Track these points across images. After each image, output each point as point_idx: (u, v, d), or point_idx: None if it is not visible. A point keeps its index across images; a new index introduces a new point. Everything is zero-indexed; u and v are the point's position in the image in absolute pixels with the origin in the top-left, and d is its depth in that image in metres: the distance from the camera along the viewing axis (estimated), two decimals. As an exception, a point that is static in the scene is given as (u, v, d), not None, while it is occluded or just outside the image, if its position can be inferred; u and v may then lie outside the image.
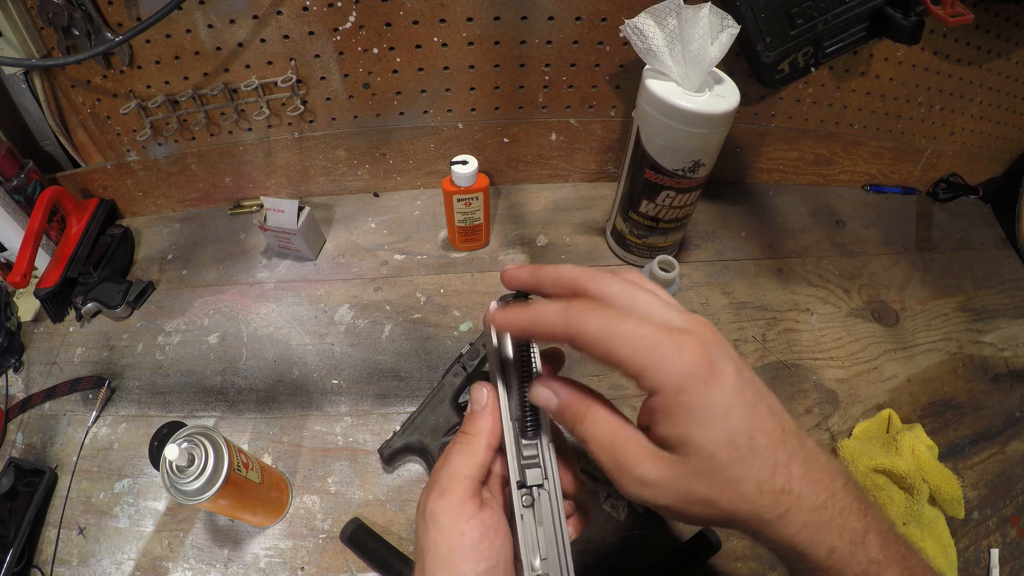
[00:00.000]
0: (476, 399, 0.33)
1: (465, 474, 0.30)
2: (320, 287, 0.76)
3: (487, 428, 0.32)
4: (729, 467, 0.25)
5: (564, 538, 0.31)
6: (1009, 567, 0.58)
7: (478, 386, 0.34)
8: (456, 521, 0.29)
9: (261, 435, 0.63)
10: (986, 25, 0.74)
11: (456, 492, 0.30)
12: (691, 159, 0.61)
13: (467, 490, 0.30)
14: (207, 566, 0.55)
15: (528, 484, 0.31)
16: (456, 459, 0.31)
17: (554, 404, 0.30)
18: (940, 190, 0.93)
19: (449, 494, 0.29)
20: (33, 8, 0.63)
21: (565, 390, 0.30)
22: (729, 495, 0.25)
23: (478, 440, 0.32)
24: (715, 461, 0.25)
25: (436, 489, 0.30)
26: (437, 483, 0.30)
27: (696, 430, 0.25)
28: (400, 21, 0.66)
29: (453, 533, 0.29)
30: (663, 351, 0.25)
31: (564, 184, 0.88)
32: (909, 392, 0.69)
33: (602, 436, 0.28)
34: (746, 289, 0.76)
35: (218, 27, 0.66)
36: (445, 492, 0.30)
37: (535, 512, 0.31)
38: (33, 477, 0.59)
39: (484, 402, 0.33)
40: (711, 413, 0.25)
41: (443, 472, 0.31)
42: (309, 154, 0.81)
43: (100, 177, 0.81)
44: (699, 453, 0.25)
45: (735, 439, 0.25)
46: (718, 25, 0.55)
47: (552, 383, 0.31)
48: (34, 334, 0.74)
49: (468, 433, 0.32)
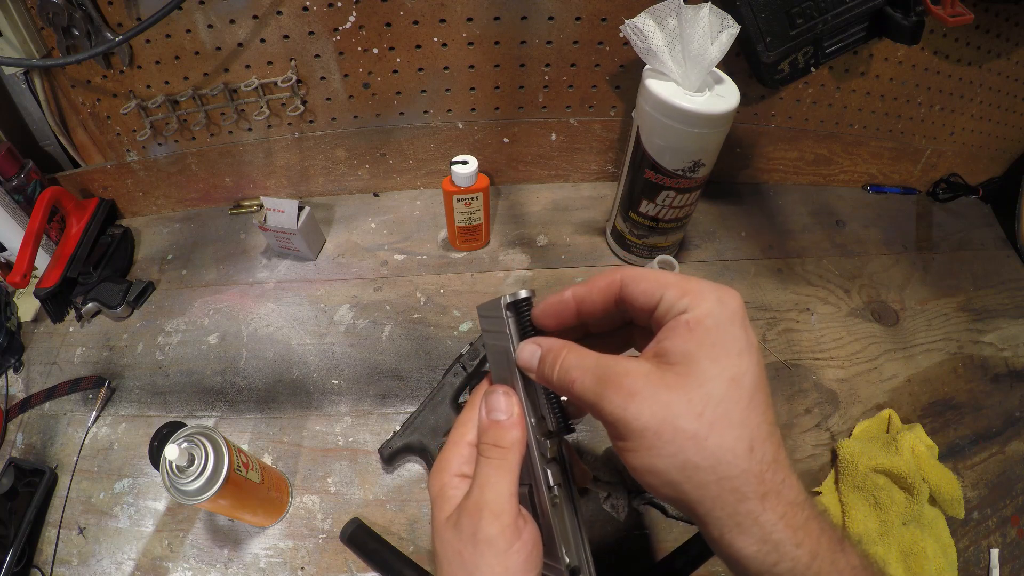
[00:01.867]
0: (499, 407, 0.32)
1: (512, 492, 0.30)
2: (320, 287, 0.76)
3: (519, 438, 0.31)
4: (724, 403, 0.24)
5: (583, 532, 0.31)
6: (1009, 567, 0.58)
7: (496, 391, 0.32)
8: (510, 542, 0.28)
9: (261, 435, 0.63)
10: (986, 25, 0.74)
11: (508, 514, 0.29)
12: (691, 159, 0.61)
13: (516, 508, 0.30)
14: (207, 566, 0.55)
15: (551, 484, 0.31)
16: (500, 477, 0.30)
17: (537, 357, 0.30)
18: (940, 190, 0.93)
19: (503, 517, 0.29)
20: (33, 8, 0.63)
21: (547, 340, 0.30)
22: (717, 436, 0.23)
23: (514, 453, 0.31)
24: (715, 390, 0.24)
25: (488, 512, 0.29)
26: (487, 505, 0.29)
27: (707, 352, 0.24)
28: (400, 21, 0.66)
29: (510, 554, 0.28)
30: (706, 287, 0.26)
31: (564, 184, 0.88)
32: (909, 392, 0.69)
33: (586, 363, 0.27)
34: (746, 289, 0.76)
35: (218, 27, 0.66)
36: (500, 516, 0.29)
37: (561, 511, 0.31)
38: (33, 477, 0.59)
39: (511, 412, 0.32)
40: (728, 345, 0.25)
41: (489, 493, 0.30)
42: (309, 154, 0.81)
43: (100, 177, 0.81)
44: (702, 375, 0.24)
45: (741, 380, 0.24)
46: (718, 25, 0.55)
47: (534, 340, 0.31)
48: (34, 334, 0.74)
49: (502, 447, 0.31)
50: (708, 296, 0.26)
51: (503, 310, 0.32)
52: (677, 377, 0.24)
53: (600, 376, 0.26)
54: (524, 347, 0.30)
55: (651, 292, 0.27)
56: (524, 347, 0.30)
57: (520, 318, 0.32)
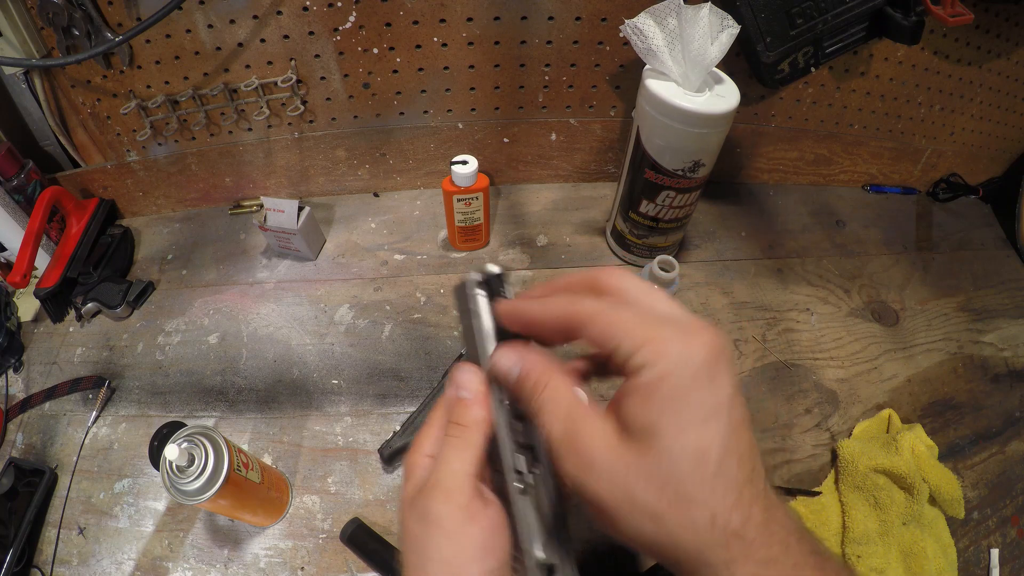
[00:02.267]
0: (463, 383, 0.30)
1: (467, 471, 0.28)
2: (320, 287, 0.76)
3: (481, 417, 0.29)
4: (688, 482, 0.22)
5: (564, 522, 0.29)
6: (1009, 567, 0.58)
7: (463, 369, 0.31)
8: (463, 523, 0.27)
9: (261, 435, 0.63)
10: (986, 25, 0.74)
11: (462, 493, 0.27)
12: (691, 159, 0.61)
13: (472, 489, 0.28)
14: (207, 566, 0.55)
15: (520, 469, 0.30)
16: (456, 455, 0.29)
17: (514, 375, 0.28)
18: (940, 190, 0.93)
19: (455, 495, 0.27)
20: (33, 8, 0.63)
21: (530, 358, 0.28)
22: (677, 516, 0.22)
23: (476, 431, 0.29)
24: (676, 468, 0.22)
25: (439, 491, 0.28)
26: (439, 484, 0.28)
27: (669, 423, 0.22)
28: (400, 21, 0.66)
29: (461, 536, 0.27)
30: (667, 335, 0.23)
31: (564, 184, 0.88)
32: (909, 392, 0.69)
33: (559, 409, 0.26)
34: (746, 289, 0.76)
35: (218, 27, 0.66)
36: (451, 494, 0.27)
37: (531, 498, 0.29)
38: (33, 477, 0.59)
39: (474, 387, 0.30)
40: (691, 412, 0.22)
41: (444, 471, 0.28)
42: (309, 154, 0.81)
43: (100, 177, 0.81)
44: (662, 452, 0.22)
45: (706, 453, 0.22)
46: (718, 25, 0.55)
47: (516, 349, 0.29)
48: (34, 334, 0.74)
49: (462, 424, 0.29)
50: (670, 348, 0.23)
51: (472, 287, 0.31)
52: (638, 451, 0.23)
53: (566, 431, 0.25)
54: (504, 354, 0.29)
55: (609, 337, 0.24)
56: (504, 354, 0.29)
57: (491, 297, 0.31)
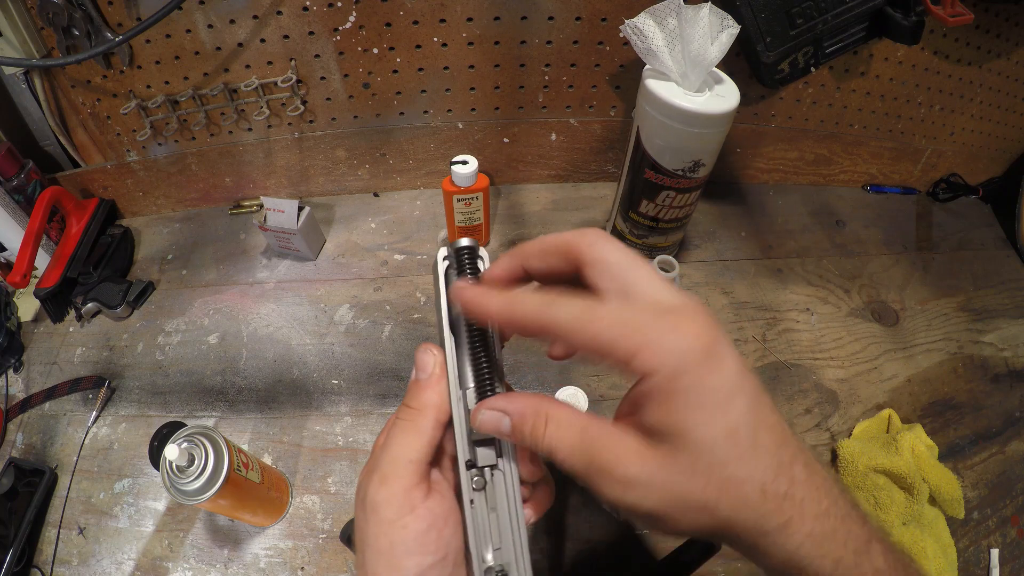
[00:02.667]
0: (421, 364, 0.29)
1: (410, 458, 0.27)
2: (320, 287, 0.76)
3: (435, 401, 0.28)
4: (730, 463, 0.22)
5: (520, 525, 0.27)
6: (1009, 567, 0.58)
7: (423, 349, 0.29)
8: (399, 512, 0.25)
9: (261, 435, 0.63)
10: (986, 25, 0.74)
11: (399, 480, 0.26)
12: (691, 159, 0.61)
13: (412, 476, 0.26)
14: (207, 566, 0.55)
15: (479, 464, 0.27)
16: (399, 440, 0.27)
17: (506, 425, 0.26)
18: (940, 190, 0.93)
19: (391, 482, 0.26)
20: (33, 8, 0.63)
21: (517, 402, 0.26)
22: (729, 498, 0.22)
23: (424, 416, 0.28)
24: (714, 455, 0.22)
25: (376, 476, 0.26)
26: (378, 468, 0.27)
27: (694, 417, 0.22)
28: (400, 21, 0.66)
29: (396, 526, 0.25)
30: (657, 330, 0.22)
31: (564, 184, 0.88)
32: (909, 392, 0.69)
33: (571, 438, 0.24)
34: (746, 289, 0.76)
35: (218, 27, 0.66)
36: (387, 480, 0.26)
37: (487, 496, 0.27)
38: (33, 477, 0.59)
39: (430, 368, 0.29)
40: (712, 399, 0.22)
41: (385, 456, 0.27)
42: (309, 154, 0.81)
43: (100, 177, 0.81)
44: (696, 445, 0.22)
45: (737, 431, 0.22)
46: (718, 25, 0.55)
47: (496, 401, 0.26)
48: (34, 334, 0.74)
49: (413, 407, 0.28)
50: (668, 348, 0.22)
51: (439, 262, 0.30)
52: (671, 453, 0.22)
53: (591, 461, 0.24)
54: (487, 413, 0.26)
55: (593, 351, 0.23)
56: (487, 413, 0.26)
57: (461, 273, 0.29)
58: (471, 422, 0.27)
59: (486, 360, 0.28)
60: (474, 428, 0.27)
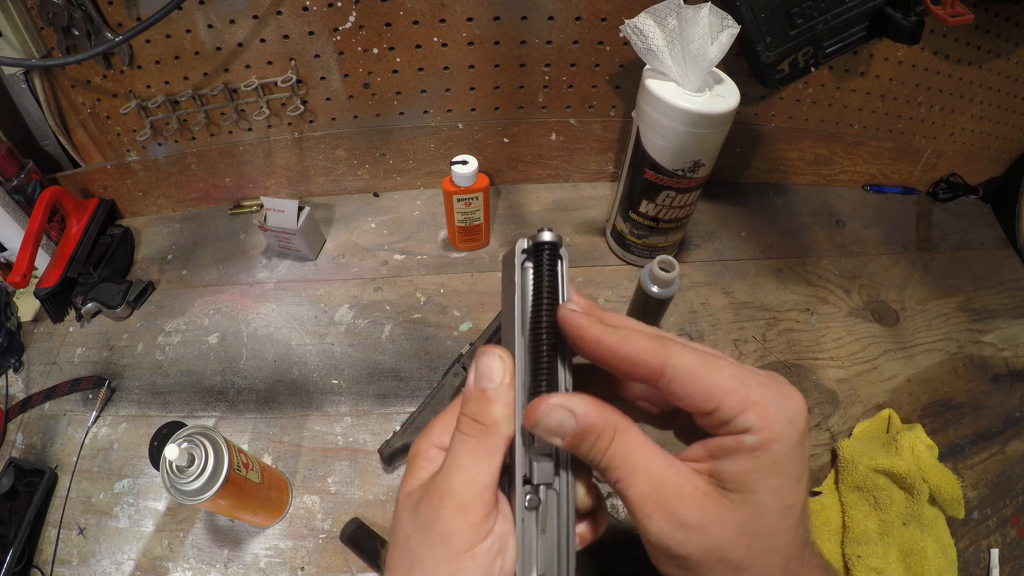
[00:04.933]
0: (486, 372, 0.26)
1: (486, 483, 0.24)
2: (320, 287, 0.76)
3: (505, 416, 0.25)
4: (774, 535, 0.23)
5: (570, 551, 0.25)
6: (1009, 567, 0.58)
7: (488, 352, 0.26)
8: (472, 542, 0.23)
9: (261, 435, 0.63)
10: (986, 25, 0.74)
11: (477, 509, 0.24)
12: (691, 159, 0.61)
13: (489, 503, 0.24)
14: (207, 566, 0.55)
15: (536, 482, 0.25)
16: (472, 462, 0.25)
17: (569, 427, 0.24)
18: (940, 190, 0.93)
19: (469, 511, 0.24)
20: (33, 8, 0.63)
21: (585, 406, 0.24)
22: (759, 565, 0.23)
23: (496, 434, 0.25)
24: (766, 522, 0.23)
25: (452, 501, 0.24)
26: (453, 493, 0.24)
27: (770, 483, 0.22)
28: (400, 21, 0.66)
29: (465, 557, 0.23)
30: (768, 394, 0.23)
31: (564, 184, 0.88)
32: (909, 392, 0.69)
33: (638, 460, 0.24)
34: (746, 289, 0.76)
35: (218, 27, 0.66)
36: (465, 509, 0.24)
37: (539, 516, 0.25)
38: (33, 477, 0.59)
39: (499, 379, 0.25)
40: (790, 473, 0.23)
41: (459, 478, 0.24)
42: (309, 154, 0.81)
43: (100, 177, 0.81)
44: (757, 508, 0.22)
45: (792, 508, 0.23)
46: (718, 25, 0.55)
47: (562, 398, 0.24)
48: (34, 334, 0.74)
49: (483, 424, 0.25)
50: (775, 414, 0.22)
51: (518, 256, 0.27)
52: (732, 506, 0.23)
53: (653, 491, 0.23)
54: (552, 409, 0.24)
55: (703, 398, 0.23)
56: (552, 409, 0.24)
57: (539, 269, 0.26)
58: (528, 416, 0.24)
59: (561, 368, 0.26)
60: (530, 425, 0.24)
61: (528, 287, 0.26)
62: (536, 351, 0.26)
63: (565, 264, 0.27)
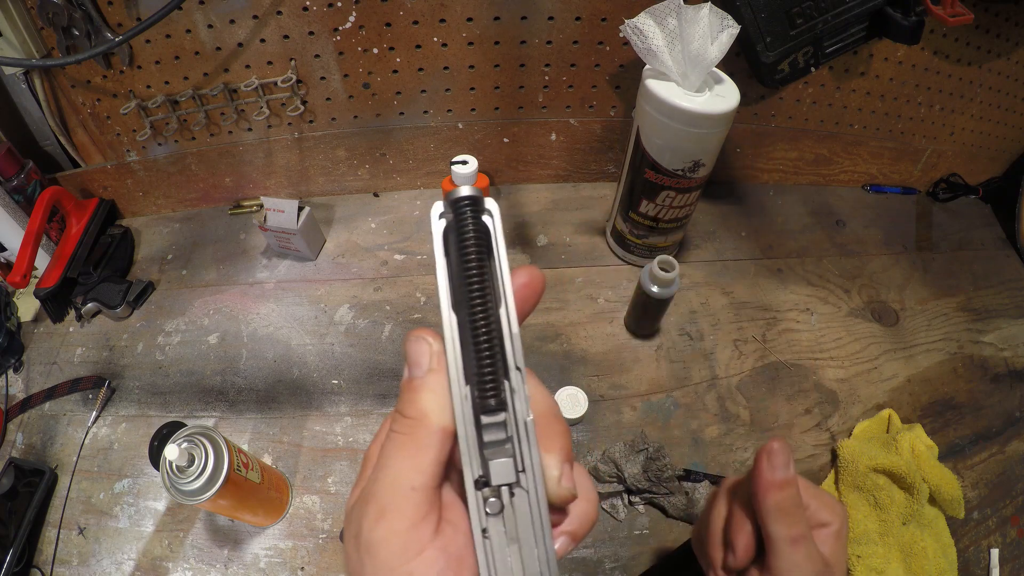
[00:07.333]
0: (414, 358, 0.22)
1: (412, 484, 0.20)
2: (320, 287, 0.76)
3: (437, 405, 0.21)
4: None
5: (550, 559, 0.20)
6: (1009, 567, 0.58)
7: (415, 337, 0.22)
8: (403, 556, 0.19)
9: (261, 435, 0.63)
10: (986, 25, 0.74)
11: (401, 513, 0.20)
12: (691, 159, 0.61)
13: (417, 508, 0.20)
14: (207, 566, 0.55)
15: (494, 483, 0.20)
16: (397, 460, 0.21)
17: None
18: (940, 190, 0.93)
19: (391, 516, 0.20)
20: (33, 8, 0.63)
21: None
22: None
23: (424, 427, 0.21)
24: None
25: (372, 507, 0.20)
26: (373, 498, 0.20)
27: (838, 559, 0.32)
28: (400, 21, 0.66)
29: (399, 571, 0.19)
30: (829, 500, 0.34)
31: (564, 184, 0.88)
32: (909, 392, 0.69)
33: None
34: (746, 289, 0.76)
35: (218, 27, 0.66)
36: (385, 513, 0.20)
37: (506, 523, 0.21)
38: (33, 477, 0.59)
39: (427, 363, 0.22)
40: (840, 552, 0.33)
41: (380, 482, 0.21)
42: (309, 154, 0.81)
43: (100, 177, 0.81)
44: None
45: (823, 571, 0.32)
46: (718, 25, 0.55)
47: None
48: (34, 334, 0.74)
49: (409, 417, 0.21)
50: (838, 511, 0.33)
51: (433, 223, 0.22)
52: None
53: None
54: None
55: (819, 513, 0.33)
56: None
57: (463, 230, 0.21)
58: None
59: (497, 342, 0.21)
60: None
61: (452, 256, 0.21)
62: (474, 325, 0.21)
63: (497, 221, 0.22)
